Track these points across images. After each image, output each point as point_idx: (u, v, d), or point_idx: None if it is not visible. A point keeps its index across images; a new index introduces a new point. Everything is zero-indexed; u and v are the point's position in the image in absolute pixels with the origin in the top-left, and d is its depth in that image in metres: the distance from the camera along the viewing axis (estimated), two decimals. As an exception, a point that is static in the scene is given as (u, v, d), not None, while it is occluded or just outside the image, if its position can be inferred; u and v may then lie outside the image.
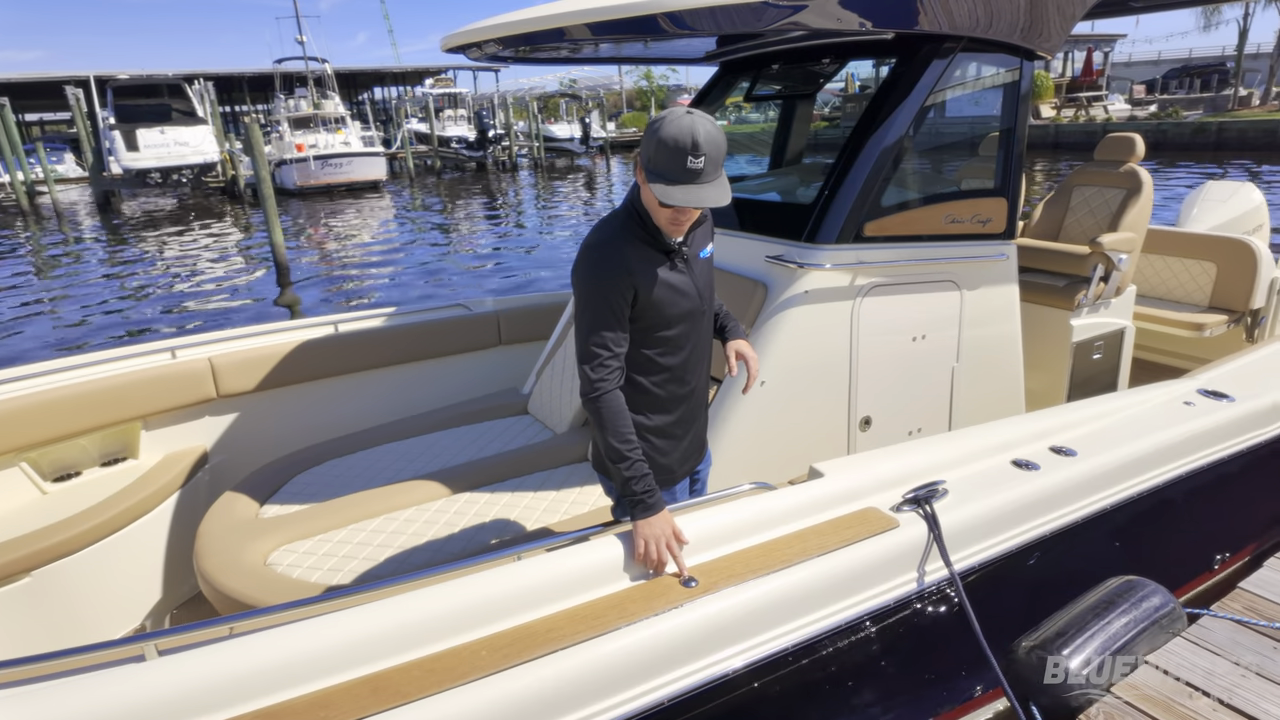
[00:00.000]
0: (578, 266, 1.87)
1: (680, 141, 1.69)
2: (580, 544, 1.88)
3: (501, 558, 1.85)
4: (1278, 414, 2.98)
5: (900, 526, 2.05)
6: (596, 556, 1.83)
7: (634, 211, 1.88)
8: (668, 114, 1.76)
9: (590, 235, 1.89)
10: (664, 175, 1.72)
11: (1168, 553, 2.85)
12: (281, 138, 28.12)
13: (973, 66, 3.04)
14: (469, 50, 2.89)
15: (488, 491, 2.98)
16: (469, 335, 4.20)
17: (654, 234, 1.87)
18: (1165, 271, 4.86)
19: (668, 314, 1.90)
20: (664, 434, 2.03)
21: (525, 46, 2.84)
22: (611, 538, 1.89)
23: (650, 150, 1.74)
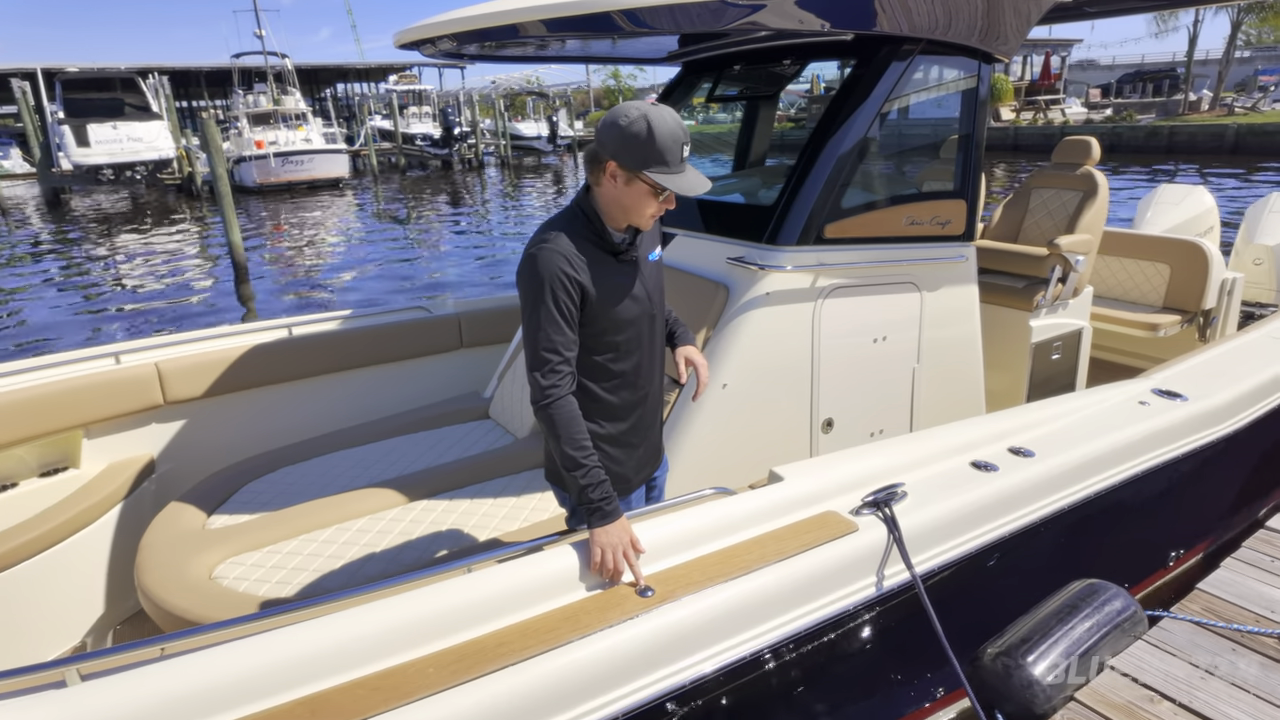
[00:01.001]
0: (522, 270, 1.81)
1: (676, 134, 1.74)
2: (534, 554, 1.82)
3: (452, 570, 1.79)
4: (1229, 413, 3.03)
5: (860, 530, 2.03)
6: (550, 567, 1.78)
7: (580, 213, 1.86)
8: (643, 111, 1.75)
9: (534, 238, 1.84)
10: (667, 165, 1.75)
11: (1125, 551, 2.88)
12: (240, 134, 27.45)
13: (931, 69, 3.04)
14: (423, 46, 2.81)
15: (445, 499, 2.89)
16: (429, 338, 4.10)
17: (601, 234, 1.85)
18: (1121, 273, 4.94)
19: (618, 317, 1.87)
20: (619, 442, 1.98)
21: (482, 43, 2.76)
22: (566, 548, 1.84)
23: (645, 149, 1.74)
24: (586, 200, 1.86)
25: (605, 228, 1.85)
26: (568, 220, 1.85)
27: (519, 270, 1.83)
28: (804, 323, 2.87)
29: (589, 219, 1.85)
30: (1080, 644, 2.00)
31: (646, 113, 1.74)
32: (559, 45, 3.02)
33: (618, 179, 1.78)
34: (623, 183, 1.79)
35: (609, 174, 1.79)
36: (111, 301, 11.77)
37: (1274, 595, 2.23)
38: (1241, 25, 27.79)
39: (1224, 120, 23.98)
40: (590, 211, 1.84)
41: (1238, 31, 28.01)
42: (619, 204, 1.82)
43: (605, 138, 1.77)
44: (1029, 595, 2.35)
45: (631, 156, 1.75)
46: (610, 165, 1.78)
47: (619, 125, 1.75)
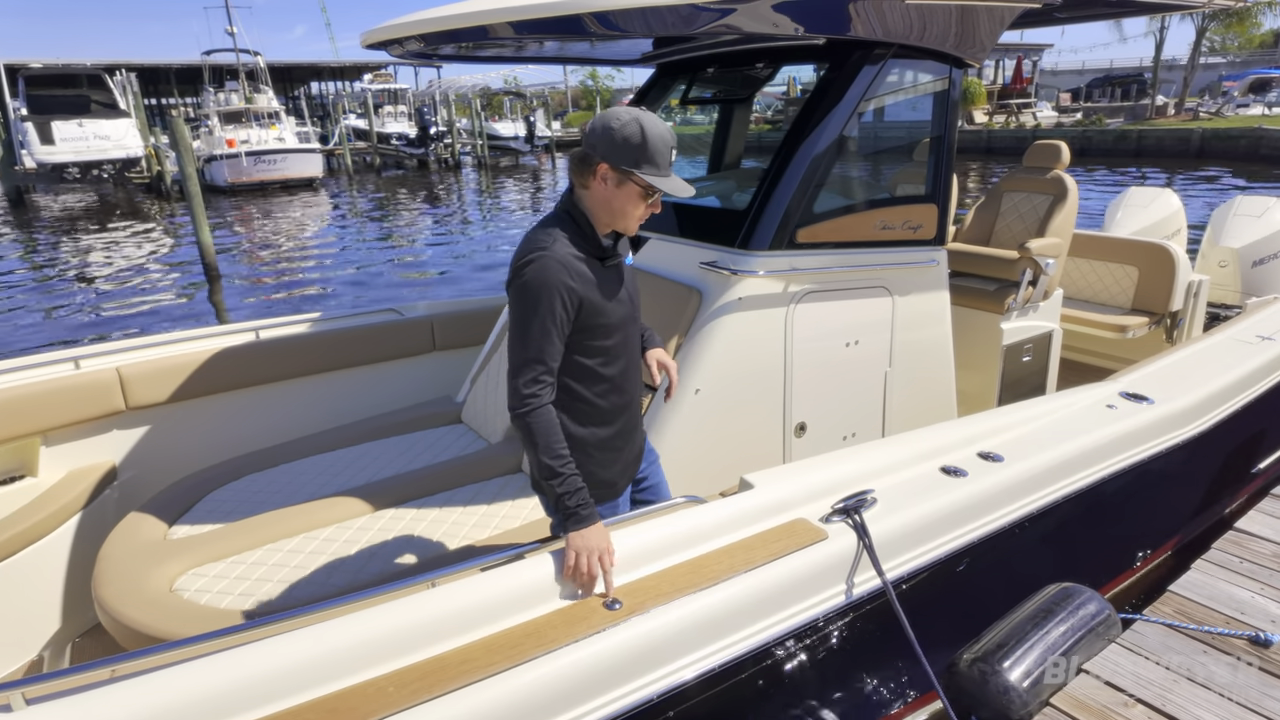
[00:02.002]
0: (519, 277, 1.78)
1: (666, 139, 1.80)
2: (499, 567, 1.78)
3: (415, 584, 1.74)
4: (1193, 416, 3.07)
5: (829, 538, 2.02)
6: (515, 580, 1.74)
7: (569, 218, 1.86)
8: (634, 116, 1.79)
9: (527, 244, 1.82)
10: (658, 168, 1.80)
11: (1093, 553, 2.91)
12: (211, 133, 26.99)
13: (903, 73, 3.04)
14: (390, 47, 2.76)
15: (414, 507, 2.84)
16: (401, 341, 4.04)
17: (591, 240, 1.86)
18: (1091, 275, 5.00)
19: (608, 322, 1.87)
20: (606, 447, 1.98)
21: (452, 44, 2.72)
22: (533, 560, 1.80)
23: (638, 152, 1.78)
24: (574, 205, 1.86)
25: (595, 232, 1.85)
26: (559, 226, 1.84)
27: (515, 276, 1.80)
28: (776, 327, 2.86)
29: (578, 224, 1.85)
30: (1055, 648, 2.00)
31: (638, 116, 1.79)
32: (532, 46, 2.98)
33: (608, 181, 1.81)
34: (613, 184, 1.81)
35: (599, 176, 1.81)
36: (77, 303, 11.51)
37: (1243, 597, 2.24)
38: (1206, 32, 28.38)
39: (1190, 125, 24.47)
40: (580, 216, 1.85)
41: (1202, 38, 28.61)
42: (608, 206, 1.84)
43: (596, 140, 1.80)
44: (1001, 598, 2.36)
45: (624, 158, 1.78)
46: (601, 167, 1.80)
47: (611, 128, 1.78)
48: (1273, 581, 2.31)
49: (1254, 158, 21.29)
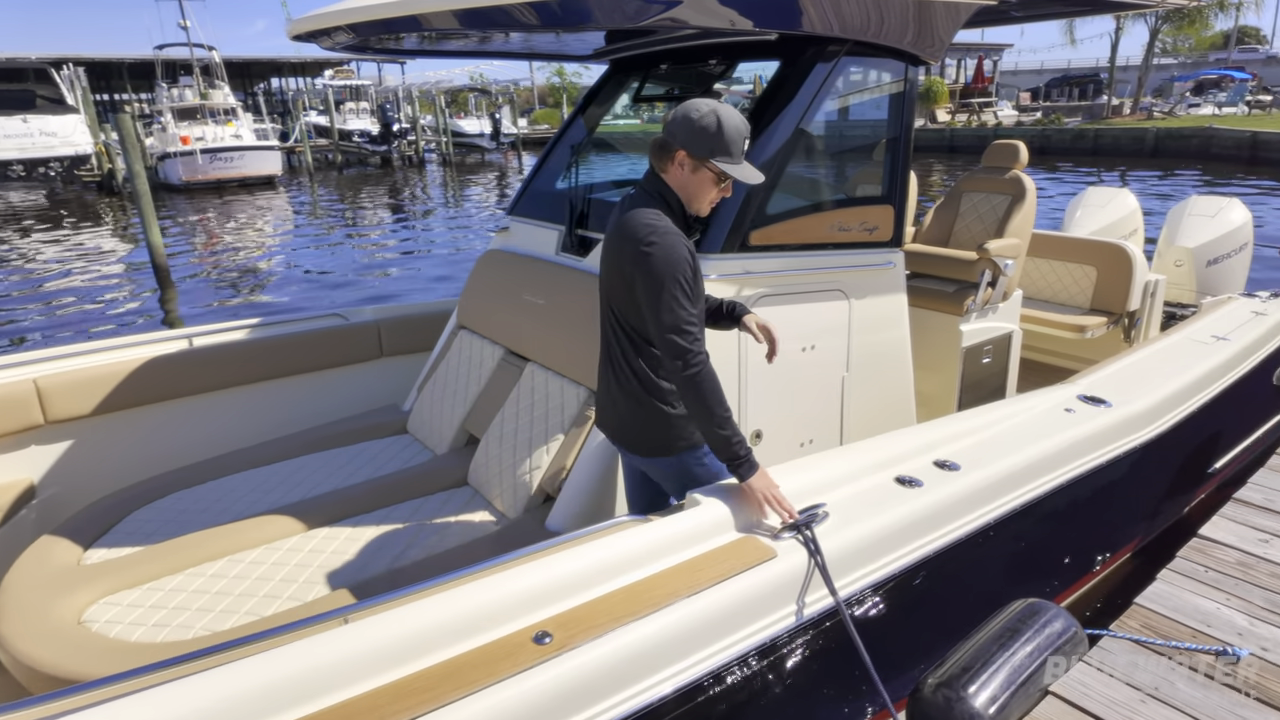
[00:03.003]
0: (645, 250, 1.93)
1: (741, 129, 1.98)
2: (422, 598, 1.63)
3: (328, 620, 1.59)
4: (1151, 418, 3.04)
5: (778, 556, 1.91)
6: (436, 614, 1.59)
7: (661, 198, 2.04)
8: (713, 108, 1.96)
9: (645, 219, 1.98)
10: (733, 157, 1.99)
11: (1051, 559, 2.85)
12: (165, 129, 26.21)
13: (858, 71, 2.95)
14: (319, 39, 2.59)
15: (349, 525, 2.68)
16: (346, 347, 3.85)
17: (681, 217, 2.06)
18: (1050, 275, 4.98)
19: (701, 290, 2.06)
20: None
21: (384, 36, 2.56)
22: (461, 588, 1.65)
23: (714, 141, 1.95)
24: (665, 187, 2.04)
25: (683, 211, 2.06)
26: (657, 205, 2.02)
27: (643, 251, 1.93)
28: (729, 332, 2.74)
29: (669, 203, 2.04)
30: (1022, 670, 1.92)
31: (716, 108, 1.96)
32: (472, 40, 2.82)
33: (685, 167, 2.00)
34: (689, 170, 2.00)
35: (677, 162, 2.00)
36: (18, 308, 11.03)
37: (1209, 608, 2.19)
38: (1159, 33, 29.02)
39: (1144, 124, 25.01)
40: (670, 196, 2.04)
41: (1155, 39, 29.25)
42: (684, 190, 2.04)
43: (676, 129, 1.99)
44: (963, 613, 2.27)
45: (700, 146, 1.96)
46: (680, 154, 1.99)
47: (691, 118, 1.97)
48: (1238, 591, 2.25)
49: (1206, 156, 21.81)
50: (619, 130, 4.04)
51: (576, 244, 3.20)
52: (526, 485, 2.71)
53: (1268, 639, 2.05)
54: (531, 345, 3.10)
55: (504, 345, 3.28)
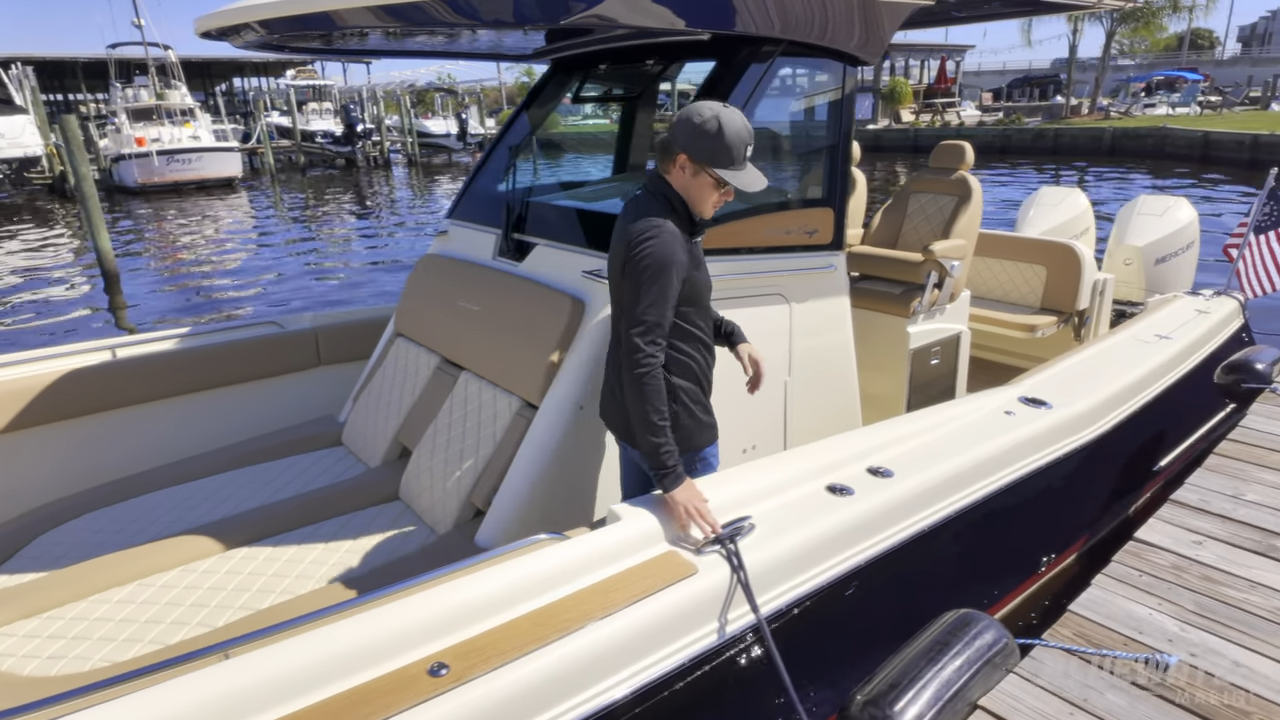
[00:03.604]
0: (639, 248, 1.98)
1: (742, 135, 1.98)
2: (311, 630, 1.54)
3: (207, 656, 1.49)
4: (1092, 418, 3.03)
5: (700, 572, 1.84)
6: (323, 647, 1.49)
7: (664, 199, 2.06)
8: (715, 112, 1.96)
9: (642, 218, 2.02)
10: (733, 163, 1.98)
11: (992, 564, 2.83)
12: (119, 130, 25.53)
13: (795, 71, 2.90)
14: (230, 37, 2.47)
15: (270, 545, 2.56)
16: (282, 356, 3.72)
17: (685, 218, 2.08)
18: (1002, 274, 5.00)
19: (701, 289, 2.13)
20: (704, 396, 2.24)
21: (301, 34, 2.45)
22: (348, 621, 1.55)
23: (713, 145, 1.96)
24: (669, 187, 2.06)
25: (687, 212, 2.08)
26: (660, 206, 2.05)
27: (637, 249, 1.98)
28: None
29: (672, 204, 2.06)
30: (950, 685, 1.87)
31: (719, 113, 1.96)
32: (398, 39, 2.72)
33: (686, 170, 2.01)
34: (690, 174, 2.01)
35: (678, 164, 2.01)
36: (-45, 316, 10.63)
37: (1141, 614, 2.16)
38: (1115, 35, 29.60)
39: (1101, 124, 25.48)
40: (674, 196, 2.06)
41: (1111, 40, 29.83)
42: (686, 192, 2.05)
43: (678, 131, 2.00)
44: (896, 625, 2.23)
45: (700, 150, 1.97)
46: (680, 157, 2.00)
47: (692, 121, 1.97)
48: (1170, 595, 2.23)
49: (1160, 155, 22.27)
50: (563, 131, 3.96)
51: (513, 248, 3.12)
52: (456, 499, 2.62)
53: (1197, 645, 2.03)
54: (466, 353, 3.00)
55: (439, 353, 3.19)
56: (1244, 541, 2.47)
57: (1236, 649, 2.01)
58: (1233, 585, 2.27)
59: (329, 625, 1.52)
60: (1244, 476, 2.87)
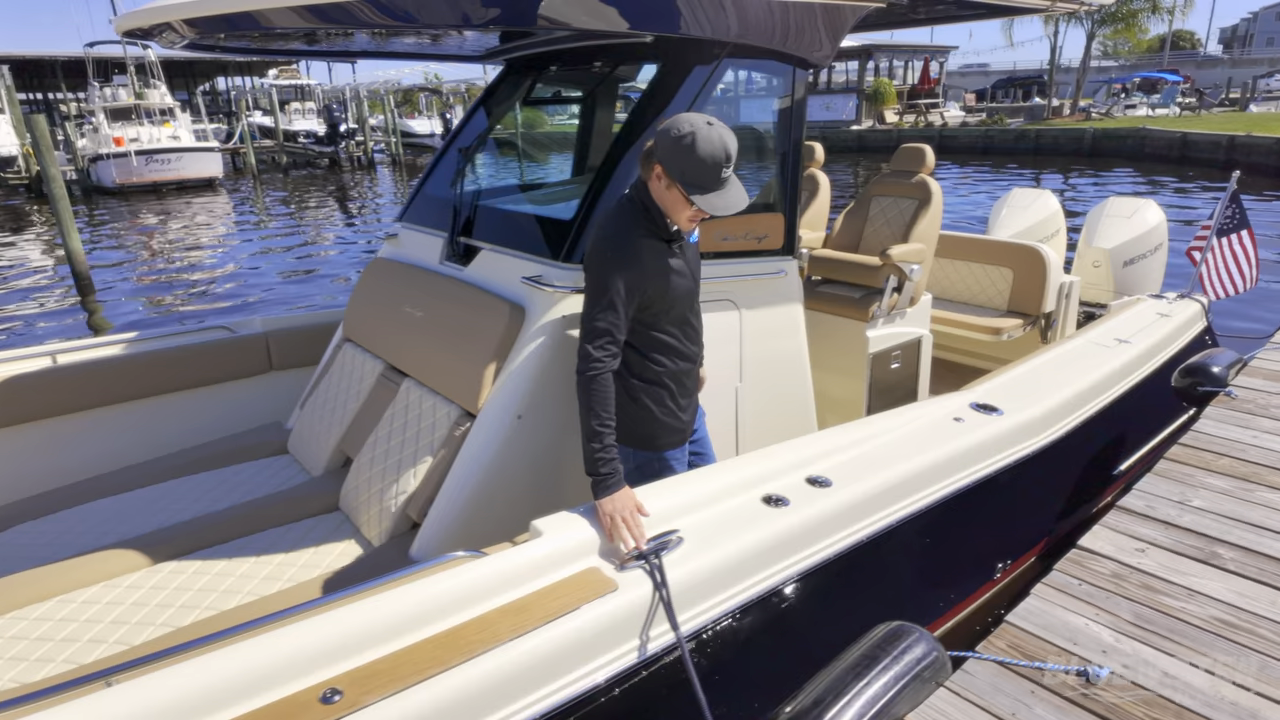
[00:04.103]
0: (593, 254, 2.05)
1: (716, 157, 1.93)
2: (201, 654, 1.48)
3: (89, 684, 1.43)
4: (1044, 424, 3.00)
5: (620, 589, 1.80)
6: (211, 673, 1.43)
7: (639, 203, 2.07)
8: (694, 127, 1.93)
9: (609, 223, 2.08)
10: (702, 186, 1.95)
11: (944, 572, 2.79)
12: (97, 130, 25.25)
13: (742, 74, 2.86)
14: (155, 36, 2.41)
15: (200, 558, 2.50)
16: (231, 361, 3.65)
17: (658, 225, 2.08)
18: (969, 277, 4.99)
19: (673, 295, 2.13)
20: (677, 403, 2.28)
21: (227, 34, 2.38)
22: (240, 645, 1.50)
23: (684, 163, 1.93)
24: (645, 193, 2.07)
25: (663, 220, 2.08)
26: (628, 211, 2.07)
27: (589, 255, 2.07)
28: None
29: (647, 210, 2.07)
30: (876, 701, 1.84)
31: (696, 129, 1.92)
32: (338, 39, 2.67)
33: (661, 180, 2.01)
34: (665, 185, 2.01)
35: (655, 174, 2.01)
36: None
37: (1078, 624, 2.14)
38: (1096, 36, 29.78)
39: (1082, 125, 25.63)
40: (650, 204, 2.06)
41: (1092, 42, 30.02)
42: (662, 203, 2.05)
43: (658, 142, 1.98)
44: (831, 639, 2.19)
45: (673, 166, 1.95)
46: (657, 167, 1.99)
47: (670, 134, 1.95)
48: (1108, 605, 2.21)
49: (1140, 156, 22.42)
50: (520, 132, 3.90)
51: (460, 252, 3.07)
52: (393, 511, 2.57)
53: (1130, 655, 2.01)
54: (409, 360, 2.95)
55: (385, 360, 3.13)
56: (1186, 549, 2.45)
57: (1168, 659, 1.99)
58: (1171, 594, 2.25)
59: (219, 651, 1.47)
60: (1191, 482, 2.86)
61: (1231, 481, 2.85)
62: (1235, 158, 18.61)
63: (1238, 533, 2.52)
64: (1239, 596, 2.22)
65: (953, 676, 1.98)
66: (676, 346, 2.22)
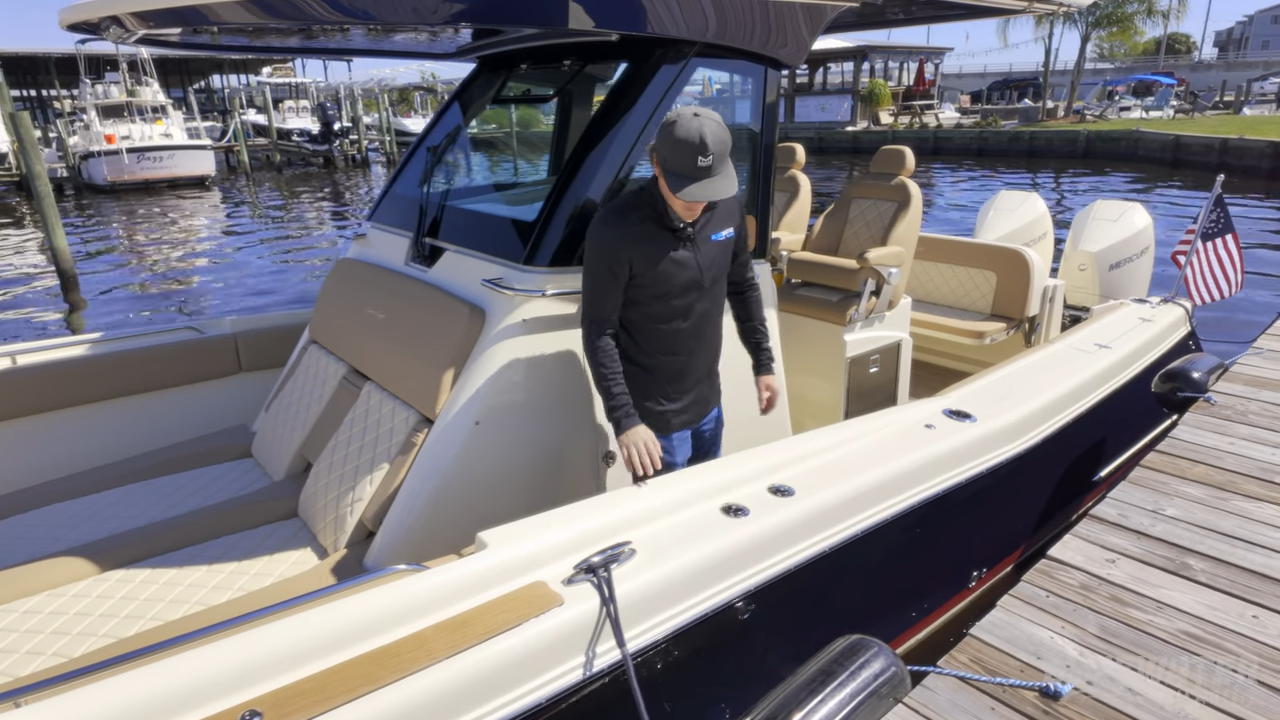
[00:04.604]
0: (590, 227, 2.19)
1: (690, 143, 1.94)
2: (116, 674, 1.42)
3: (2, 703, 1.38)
4: (1019, 431, 2.95)
5: (565, 603, 1.74)
6: (125, 693, 1.37)
7: (649, 191, 2.15)
8: (677, 115, 1.98)
9: (599, 213, 2.19)
10: (678, 173, 1.98)
11: (915, 581, 2.75)
12: (88, 127, 25.12)
13: (713, 75, 2.81)
14: (102, 31, 2.34)
15: (149, 566, 2.44)
16: (199, 362, 3.59)
17: (662, 214, 2.13)
18: (953, 280, 4.95)
19: (668, 284, 2.18)
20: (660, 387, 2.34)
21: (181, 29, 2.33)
22: (160, 664, 1.44)
23: (665, 150, 1.98)
24: (655, 183, 2.13)
25: (667, 209, 2.12)
26: (635, 195, 2.16)
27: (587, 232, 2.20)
28: (574, 351, 2.58)
29: (653, 198, 2.13)
30: (832, 717, 1.79)
31: (681, 120, 1.96)
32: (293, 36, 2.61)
33: (659, 168, 2.05)
34: (660, 174, 2.06)
35: (656, 161, 2.06)
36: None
37: (1043, 638, 2.09)
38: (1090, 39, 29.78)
39: (1076, 127, 25.61)
40: (656, 193, 2.13)
41: (1086, 45, 30.02)
42: (662, 189, 2.09)
43: (658, 130, 2.05)
44: (796, 651, 2.14)
45: (659, 151, 2.01)
46: (654, 155, 2.05)
47: (665, 123, 2.01)
48: (1075, 617, 2.16)
49: (1133, 158, 22.41)
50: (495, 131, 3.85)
51: (425, 253, 3.01)
52: (350, 519, 2.51)
53: (1094, 671, 1.96)
54: (371, 363, 2.90)
55: (348, 362, 3.08)
56: (1156, 559, 2.41)
57: (1132, 675, 1.94)
58: (1140, 606, 2.20)
59: (135, 671, 1.41)
60: (1165, 490, 2.81)
61: (1206, 490, 2.80)
62: (1228, 161, 18.60)
63: (1210, 543, 2.48)
64: (1208, 609, 2.17)
65: (912, 692, 1.93)
66: (665, 334, 2.27)
